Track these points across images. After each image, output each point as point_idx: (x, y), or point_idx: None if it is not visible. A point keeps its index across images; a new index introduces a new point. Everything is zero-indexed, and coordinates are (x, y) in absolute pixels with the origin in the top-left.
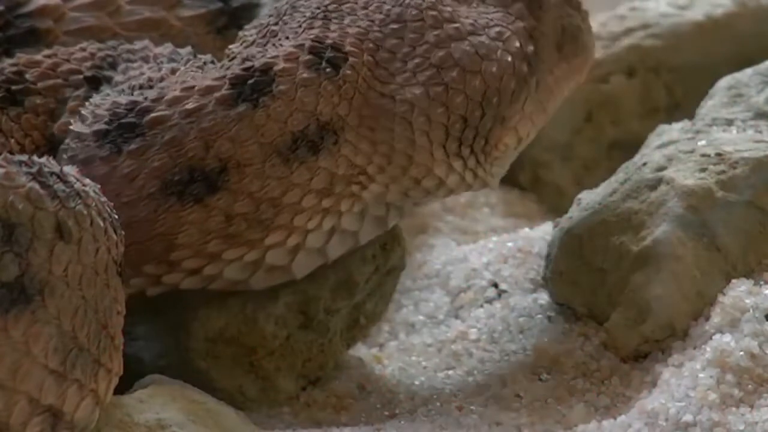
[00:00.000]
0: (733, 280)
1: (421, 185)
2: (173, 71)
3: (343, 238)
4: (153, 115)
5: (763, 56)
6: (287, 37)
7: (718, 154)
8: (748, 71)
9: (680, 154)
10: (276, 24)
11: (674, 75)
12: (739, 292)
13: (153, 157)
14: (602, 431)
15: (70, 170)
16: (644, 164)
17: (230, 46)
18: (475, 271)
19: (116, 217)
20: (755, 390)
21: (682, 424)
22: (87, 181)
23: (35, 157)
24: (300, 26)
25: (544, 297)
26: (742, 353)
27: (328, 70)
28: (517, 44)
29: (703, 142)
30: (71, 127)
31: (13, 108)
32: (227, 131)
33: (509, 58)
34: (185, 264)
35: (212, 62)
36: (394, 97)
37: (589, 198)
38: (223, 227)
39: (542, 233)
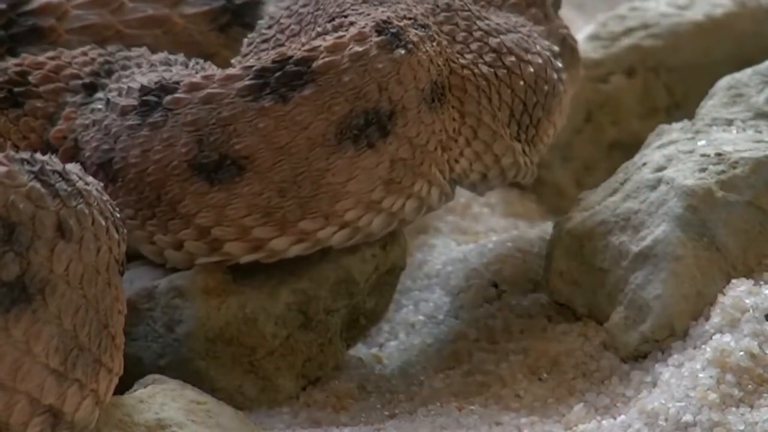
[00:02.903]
0: (733, 280)
1: (500, 163)
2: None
3: (444, 201)
4: (322, 60)
5: (763, 56)
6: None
7: (718, 154)
8: (748, 71)
9: (680, 154)
10: (317, 10)
11: (674, 75)
12: (739, 292)
13: (328, 102)
14: (602, 431)
15: (73, 168)
16: (644, 164)
17: (253, 34)
18: (475, 271)
19: (118, 215)
20: (755, 390)
21: (682, 424)
22: (89, 179)
23: (37, 156)
24: (353, 7)
25: (544, 297)
26: (742, 353)
27: (430, 33)
28: (546, 43)
29: (703, 142)
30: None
31: (13, 110)
32: (395, 74)
33: (547, 53)
34: (347, 215)
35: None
36: (473, 70)
37: (589, 198)
38: (388, 172)
39: (542, 233)
